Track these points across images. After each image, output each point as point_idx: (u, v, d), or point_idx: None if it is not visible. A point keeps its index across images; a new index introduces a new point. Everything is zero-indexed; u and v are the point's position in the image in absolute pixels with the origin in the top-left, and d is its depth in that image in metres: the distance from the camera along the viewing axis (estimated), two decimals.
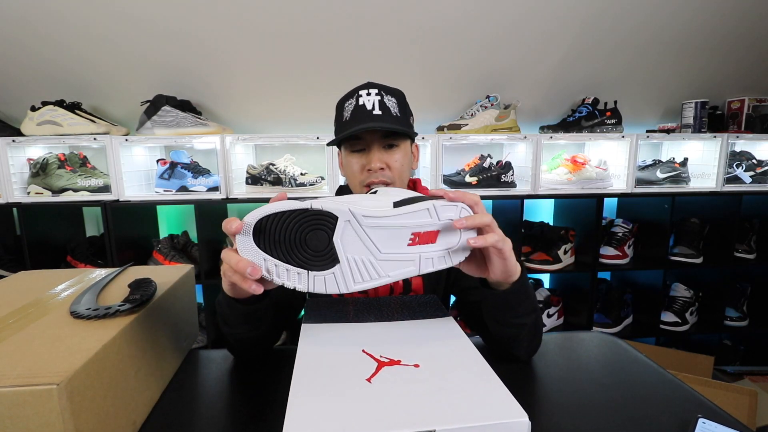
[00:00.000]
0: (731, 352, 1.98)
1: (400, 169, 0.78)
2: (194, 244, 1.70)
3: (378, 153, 0.76)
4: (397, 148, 0.78)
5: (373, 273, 0.48)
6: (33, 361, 0.40)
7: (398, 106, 0.78)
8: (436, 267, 0.50)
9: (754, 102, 1.85)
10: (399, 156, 0.78)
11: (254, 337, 0.62)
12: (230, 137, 1.53)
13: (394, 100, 0.78)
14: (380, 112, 0.75)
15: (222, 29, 1.57)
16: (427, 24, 1.63)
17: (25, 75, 1.62)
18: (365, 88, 0.77)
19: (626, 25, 1.70)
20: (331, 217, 0.45)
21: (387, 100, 0.76)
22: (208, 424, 0.52)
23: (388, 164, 0.77)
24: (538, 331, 0.65)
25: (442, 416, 0.35)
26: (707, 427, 0.49)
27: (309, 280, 0.47)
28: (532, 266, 1.70)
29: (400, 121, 0.77)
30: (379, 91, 0.77)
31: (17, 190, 1.49)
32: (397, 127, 0.75)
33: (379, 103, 0.75)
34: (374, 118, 0.75)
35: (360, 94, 0.77)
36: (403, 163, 0.79)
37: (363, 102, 0.76)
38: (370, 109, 0.75)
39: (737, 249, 1.82)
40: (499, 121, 1.65)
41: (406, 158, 0.80)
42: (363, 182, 0.78)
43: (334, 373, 0.42)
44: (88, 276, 0.68)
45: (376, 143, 0.77)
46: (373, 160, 0.76)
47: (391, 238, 0.47)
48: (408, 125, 0.80)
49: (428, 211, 0.48)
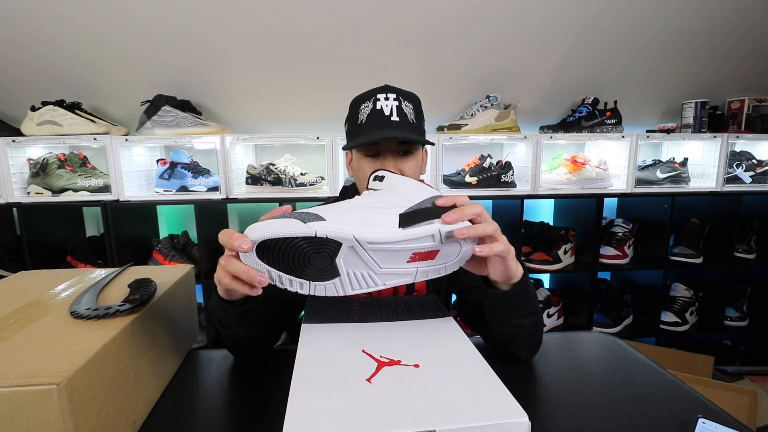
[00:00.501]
0: (731, 352, 1.98)
1: (412, 175, 0.78)
2: (194, 244, 1.70)
3: (392, 160, 0.76)
4: (411, 155, 0.78)
5: (370, 283, 0.49)
6: (33, 361, 0.40)
7: (414, 113, 0.78)
8: (431, 276, 0.52)
9: (754, 102, 1.85)
10: (412, 163, 0.78)
11: (252, 336, 0.62)
12: (230, 137, 1.53)
13: (411, 106, 0.78)
14: (398, 119, 0.74)
15: (222, 29, 1.57)
16: (427, 24, 1.62)
17: (25, 75, 1.62)
18: (383, 91, 0.76)
19: (626, 25, 1.70)
20: (336, 243, 0.45)
21: (404, 106, 0.76)
22: (208, 424, 0.52)
23: (401, 171, 0.77)
24: (538, 332, 0.65)
25: (442, 416, 0.35)
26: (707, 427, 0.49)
27: (310, 288, 0.48)
28: (532, 266, 1.70)
29: (416, 127, 0.77)
30: (398, 96, 0.76)
31: (17, 190, 1.49)
32: (414, 137, 0.74)
33: (396, 109, 0.75)
34: (392, 125, 0.74)
35: (378, 97, 0.76)
36: (415, 169, 0.79)
37: (381, 106, 0.75)
38: (387, 114, 0.74)
39: (737, 249, 1.82)
40: (499, 121, 1.65)
41: (417, 164, 0.80)
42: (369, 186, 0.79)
43: (334, 373, 0.42)
44: (88, 276, 0.68)
45: (391, 150, 0.76)
46: (387, 167, 0.75)
47: (392, 257, 0.48)
48: (422, 132, 0.80)
49: (433, 236, 0.47)
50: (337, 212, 0.47)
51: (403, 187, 0.56)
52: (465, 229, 0.47)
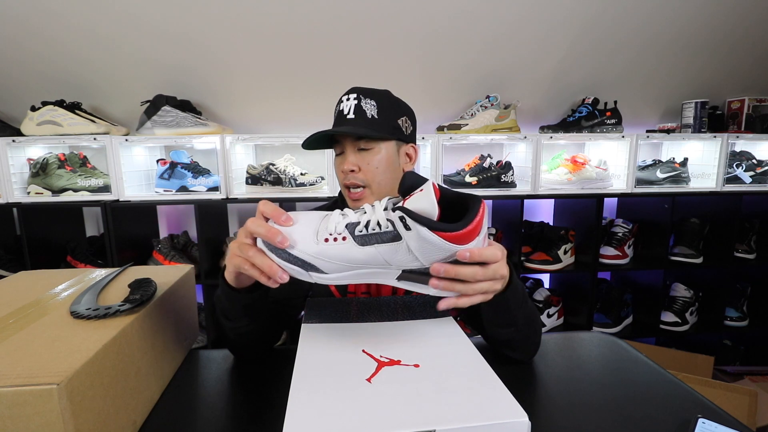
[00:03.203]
0: (731, 352, 1.98)
1: (375, 171, 0.78)
2: (194, 244, 1.70)
3: (351, 156, 0.78)
4: (372, 150, 0.78)
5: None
6: (33, 361, 0.40)
7: (377, 108, 0.78)
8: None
9: (754, 102, 1.85)
10: (376, 158, 0.78)
11: (255, 330, 0.63)
12: (230, 137, 1.53)
13: (373, 103, 0.78)
14: (353, 116, 0.77)
15: (222, 30, 1.58)
16: (427, 24, 1.63)
17: (25, 75, 1.62)
18: (348, 93, 0.80)
19: (626, 26, 1.70)
20: None
21: (364, 104, 0.77)
22: (208, 424, 0.52)
23: (359, 167, 0.78)
24: (533, 334, 0.64)
25: (442, 416, 0.35)
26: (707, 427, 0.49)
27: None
28: (532, 266, 1.70)
29: (376, 123, 0.77)
30: (358, 95, 0.78)
31: (17, 190, 1.49)
32: (360, 131, 0.75)
33: (354, 107, 0.77)
34: (346, 122, 0.77)
35: (342, 99, 0.80)
36: (380, 165, 0.78)
37: (342, 107, 0.79)
38: (345, 113, 0.77)
39: (737, 249, 1.82)
40: (499, 121, 1.65)
41: (389, 160, 0.79)
42: (342, 183, 0.81)
43: (334, 373, 0.42)
44: (88, 276, 0.68)
45: (350, 146, 0.79)
46: (345, 162, 0.78)
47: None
48: (389, 127, 0.79)
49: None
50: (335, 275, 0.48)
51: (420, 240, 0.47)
52: (449, 301, 0.48)
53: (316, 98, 1.73)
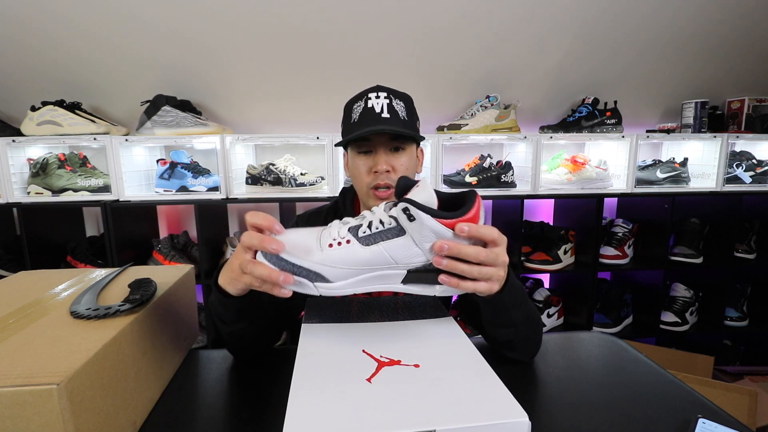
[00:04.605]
0: (731, 352, 1.98)
1: (405, 172, 0.79)
2: (194, 244, 1.70)
3: (384, 155, 0.78)
4: (404, 151, 0.79)
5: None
6: (33, 361, 0.40)
7: (406, 110, 0.79)
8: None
9: (754, 102, 1.85)
10: (405, 159, 0.79)
11: (253, 332, 0.63)
12: (230, 137, 1.53)
13: (402, 104, 0.79)
14: (388, 115, 0.76)
15: (222, 29, 1.57)
16: (427, 24, 1.62)
17: (25, 75, 1.62)
18: (374, 91, 0.78)
19: (626, 25, 1.70)
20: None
21: (395, 104, 0.78)
22: (208, 424, 0.52)
23: (393, 167, 0.78)
24: (533, 334, 0.64)
25: (442, 416, 0.35)
26: (707, 427, 0.49)
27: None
28: (532, 266, 1.70)
29: (407, 125, 0.78)
30: (388, 94, 0.78)
31: (17, 190, 1.49)
32: (405, 131, 0.76)
33: (387, 106, 0.76)
34: (382, 121, 0.76)
35: (369, 96, 0.78)
36: (408, 166, 0.80)
37: (372, 104, 0.77)
38: (378, 111, 0.76)
39: (737, 249, 1.82)
40: (499, 121, 1.65)
41: (412, 162, 0.81)
42: (370, 185, 0.79)
43: (334, 373, 0.42)
44: (88, 276, 0.68)
45: (382, 146, 0.78)
46: (379, 162, 0.77)
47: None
48: (414, 129, 0.81)
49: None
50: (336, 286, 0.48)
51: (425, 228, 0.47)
52: (452, 280, 0.48)
53: (316, 98, 1.73)
